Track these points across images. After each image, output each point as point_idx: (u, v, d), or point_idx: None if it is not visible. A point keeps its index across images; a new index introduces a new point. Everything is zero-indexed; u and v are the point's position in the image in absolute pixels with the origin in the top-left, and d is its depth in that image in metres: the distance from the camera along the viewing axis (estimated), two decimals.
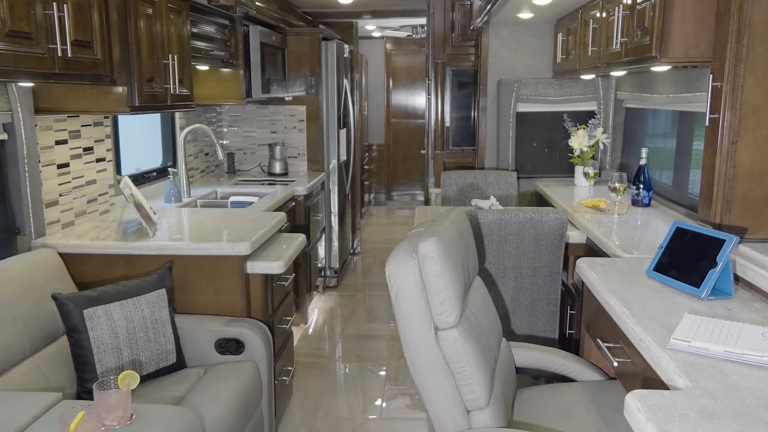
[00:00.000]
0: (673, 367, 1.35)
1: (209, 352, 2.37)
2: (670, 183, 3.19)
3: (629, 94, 3.64)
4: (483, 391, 1.67)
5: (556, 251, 2.62)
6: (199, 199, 3.66)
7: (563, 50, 3.86)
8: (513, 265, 2.65)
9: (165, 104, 2.69)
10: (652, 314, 1.64)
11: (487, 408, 1.68)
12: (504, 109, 4.18)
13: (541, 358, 2.17)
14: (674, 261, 1.89)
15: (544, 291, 2.68)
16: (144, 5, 2.47)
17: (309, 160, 4.84)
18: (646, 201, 3.08)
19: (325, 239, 4.87)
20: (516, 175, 3.92)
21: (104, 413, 1.65)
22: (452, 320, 1.65)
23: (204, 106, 4.35)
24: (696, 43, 2.21)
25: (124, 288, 2.16)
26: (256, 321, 2.46)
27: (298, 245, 2.84)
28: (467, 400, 1.68)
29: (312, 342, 3.93)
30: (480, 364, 1.67)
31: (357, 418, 3.00)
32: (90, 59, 2.18)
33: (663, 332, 1.52)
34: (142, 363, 2.14)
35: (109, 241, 2.49)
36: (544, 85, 4.12)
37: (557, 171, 4.17)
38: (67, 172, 2.69)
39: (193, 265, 2.48)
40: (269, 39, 4.14)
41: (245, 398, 2.19)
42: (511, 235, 2.61)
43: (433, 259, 1.62)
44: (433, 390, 1.70)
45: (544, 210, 2.63)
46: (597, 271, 2.00)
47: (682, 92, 2.86)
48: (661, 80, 3.09)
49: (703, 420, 1.14)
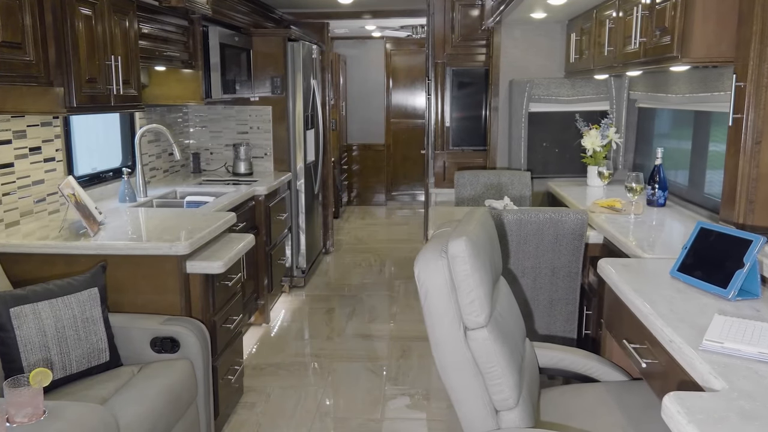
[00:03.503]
0: (708, 368, 1.33)
1: (145, 351, 2.39)
2: (684, 183, 3.19)
3: (643, 94, 3.64)
4: (512, 391, 1.66)
5: (576, 251, 2.62)
6: (156, 198, 3.68)
7: (577, 50, 3.85)
8: (532, 265, 2.65)
9: (108, 105, 2.71)
10: (680, 315, 1.62)
11: (516, 408, 1.67)
12: (516, 109, 4.19)
13: (564, 358, 2.16)
14: (699, 261, 1.87)
15: (563, 291, 2.69)
16: (82, 6, 2.49)
17: (275, 161, 4.86)
18: (662, 201, 3.07)
19: (291, 239, 4.90)
20: (530, 175, 3.92)
21: (13, 410, 1.67)
22: (482, 320, 1.64)
23: (169, 107, 4.37)
24: (717, 42, 2.19)
25: (54, 287, 2.18)
26: (193, 320, 2.48)
27: (244, 246, 2.86)
28: (496, 400, 1.68)
29: (273, 342, 3.95)
30: (509, 363, 1.67)
31: (309, 416, 3.03)
32: (21, 60, 2.20)
33: (693, 333, 1.50)
34: (72, 361, 2.16)
35: (48, 241, 2.51)
36: (556, 85, 4.12)
37: (568, 171, 4.17)
38: (11, 172, 2.71)
39: (132, 265, 2.50)
40: (231, 40, 4.16)
41: (174, 396, 2.21)
42: (531, 235, 2.61)
43: (462, 258, 1.61)
44: (462, 390, 1.69)
45: (564, 210, 2.64)
46: (620, 272, 1.98)
47: (699, 92, 2.85)
48: (676, 80, 3.09)
49: (745, 422, 1.13)
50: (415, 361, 3.66)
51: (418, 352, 3.78)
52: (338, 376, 3.47)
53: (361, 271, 5.51)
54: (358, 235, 6.96)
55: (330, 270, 5.59)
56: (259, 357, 3.70)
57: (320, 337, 4.02)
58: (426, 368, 3.56)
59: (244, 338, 3.63)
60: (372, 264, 5.75)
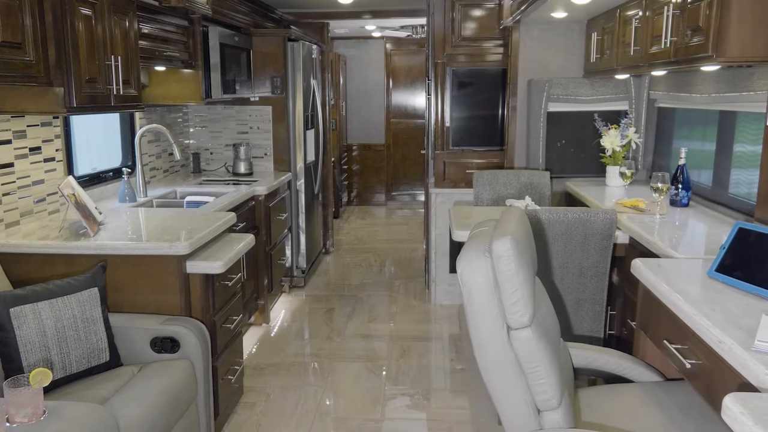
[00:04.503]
0: (764, 369, 1.33)
1: (145, 351, 2.39)
2: (706, 183, 3.18)
3: (664, 94, 3.63)
4: (555, 391, 1.65)
5: (604, 251, 2.62)
6: (156, 198, 3.68)
7: (598, 49, 3.84)
8: (559, 265, 2.65)
9: (108, 105, 2.71)
10: (725, 316, 1.61)
11: (559, 408, 1.66)
12: (534, 109, 4.19)
13: (598, 358, 2.14)
14: (738, 262, 1.84)
15: (590, 291, 2.68)
16: (83, 6, 2.49)
17: (275, 161, 4.86)
18: (685, 201, 3.06)
19: (291, 239, 4.90)
20: (549, 174, 3.92)
21: (13, 410, 1.67)
22: (526, 320, 1.63)
23: (169, 107, 4.37)
24: (752, 42, 2.17)
25: (54, 287, 2.18)
26: (193, 320, 2.49)
27: (244, 246, 2.86)
28: (539, 400, 1.67)
29: (273, 342, 3.96)
30: (552, 363, 1.66)
31: (309, 416, 3.03)
32: (21, 60, 2.20)
33: (742, 334, 1.49)
34: (72, 361, 2.16)
35: (48, 241, 2.51)
36: (575, 85, 4.12)
37: (585, 171, 4.17)
38: (11, 172, 2.71)
39: (132, 265, 2.50)
40: (231, 40, 4.16)
41: (173, 396, 2.21)
42: (559, 234, 2.61)
43: (508, 258, 1.60)
44: (504, 390, 1.68)
45: (593, 210, 2.65)
46: (656, 272, 1.97)
47: (726, 91, 2.84)
48: (702, 79, 3.07)
49: None
50: (415, 361, 3.66)
51: (418, 352, 3.78)
52: (338, 376, 3.47)
53: (361, 271, 5.51)
54: (358, 235, 6.97)
55: (330, 270, 5.59)
56: (259, 357, 3.70)
57: (320, 337, 4.03)
58: (426, 368, 3.56)
59: (244, 338, 3.64)
60: (372, 264, 5.75)
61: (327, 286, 5.09)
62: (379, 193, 8.84)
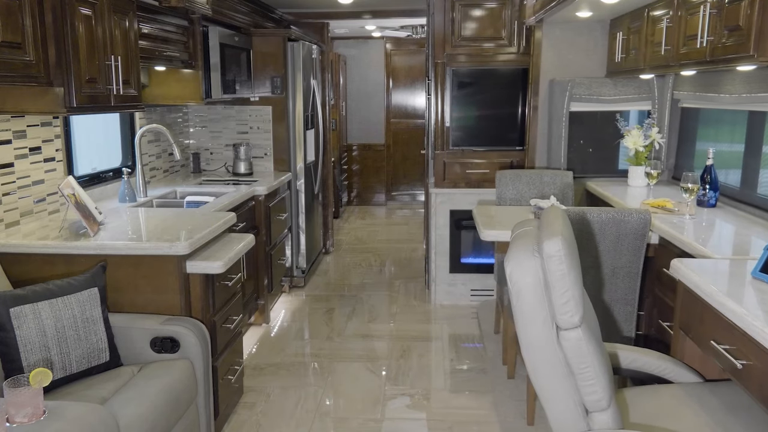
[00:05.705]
0: None
1: (145, 351, 2.39)
2: (734, 184, 3.18)
3: (689, 94, 3.62)
4: (605, 391, 1.63)
5: (637, 252, 2.61)
6: (156, 198, 3.68)
7: (623, 49, 3.83)
8: (591, 265, 2.64)
9: (108, 105, 2.72)
10: None
11: (609, 409, 1.65)
12: (556, 109, 4.18)
13: (637, 358, 2.13)
14: None
15: (623, 291, 2.67)
16: (83, 6, 2.49)
17: (275, 161, 4.86)
18: (712, 202, 3.07)
19: (291, 239, 4.90)
20: (572, 174, 3.91)
21: (13, 410, 1.67)
22: (576, 320, 1.61)
23: (169, 107, 4.37)
24: None
25: (54, 287, 2.18)
26: (193, 320, 2.49)
27: (244, 246, 2.86)
28: (588, 401, 1.65)
29: (273, 342, 3.96)
30: (601, 363, 1.64)
31: (309, 416, 3.03)
32: (21, 60, 2.20)
33: None
34: (72, 361, 2.16)
35: (48, 241, 2.51)
36: (598, 85, 4.11)
37: (606, 171, 4.18)
38: (11, 172, 2.71)
39: (132, 265, 2.50)
40: (231, 40, 4.16)
41: (173, 396, 2.22)
42: (592, 234, 2.60)
43: (559, 258, 1.58)
44: (553, 390, 1.67)
45: (626, 210, 2.64)
46: (698, 273, 1.96)
47: (758, 92, 2.82)
48: (732, 79, 3.05)
49: None
50: (415, 361, 3.66)
51: (418, 352, 3.78)
52: (338, 376, 3.47)
53: (361, 271, 5.51)
54: (358, 235, 6.96)
55: (330, 270, 5.59)
56: (259, 357, 3.70)
57: (320, 337, 4.03)
58: (426, 368, 3.56)
59: (244, 338, 3.64)
60: (372, 264, 5.75)
61: (327, 286, 5.09)
62: (379, 193, 8.84)
